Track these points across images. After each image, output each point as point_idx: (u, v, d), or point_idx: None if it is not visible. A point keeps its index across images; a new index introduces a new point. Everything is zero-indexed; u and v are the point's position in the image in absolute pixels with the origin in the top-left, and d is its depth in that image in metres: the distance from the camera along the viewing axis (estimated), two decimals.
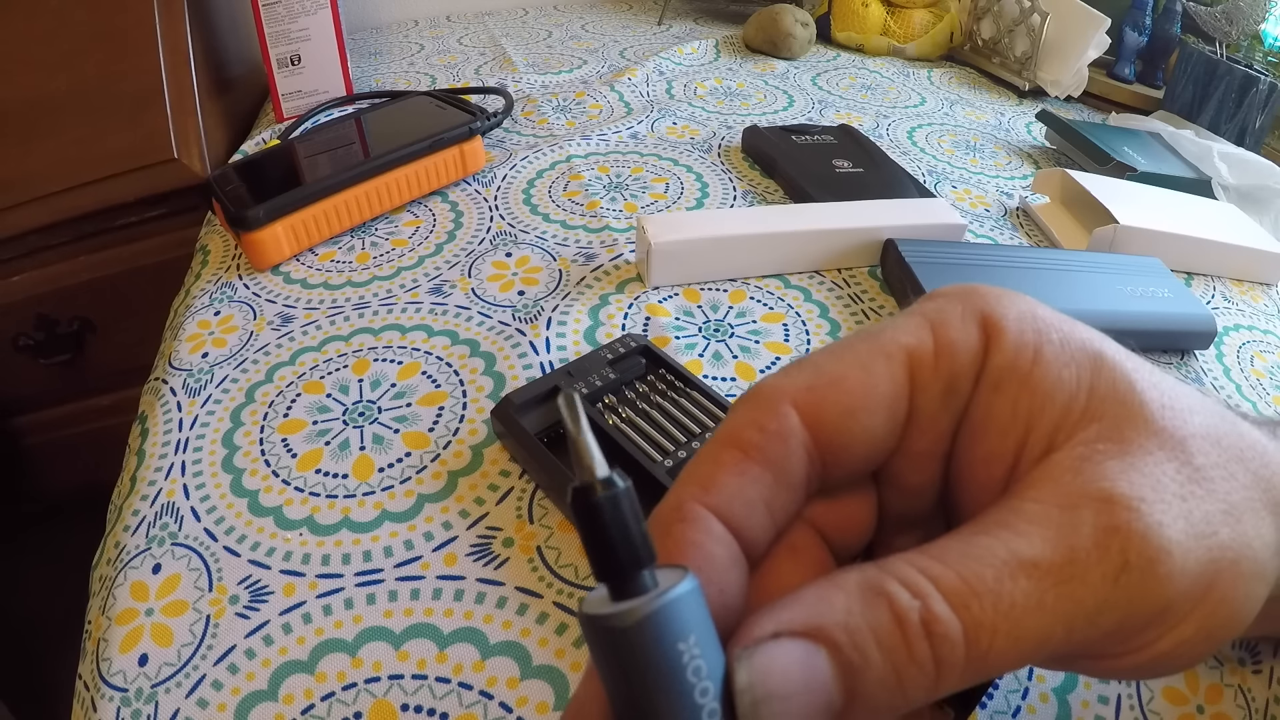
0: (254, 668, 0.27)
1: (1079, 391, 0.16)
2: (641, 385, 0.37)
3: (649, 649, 0.14)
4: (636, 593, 0.14)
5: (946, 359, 0.17)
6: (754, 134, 0.60)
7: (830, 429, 0.16)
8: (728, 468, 0.16)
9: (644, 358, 0.38)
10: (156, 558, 0.31)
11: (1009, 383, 0.17)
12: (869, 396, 0.17)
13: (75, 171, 0.62)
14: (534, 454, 0.32)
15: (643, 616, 0.14)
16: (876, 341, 0.17)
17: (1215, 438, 0.16)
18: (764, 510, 0.17)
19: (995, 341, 0.17)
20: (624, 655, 0.14)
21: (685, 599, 0.14)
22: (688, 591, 0.14)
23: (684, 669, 0.14)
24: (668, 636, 0.14)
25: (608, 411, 0.35)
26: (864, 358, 0.17)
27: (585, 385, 0.35)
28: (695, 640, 0.14)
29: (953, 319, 0.17)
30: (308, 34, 0.64)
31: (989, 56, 0.81)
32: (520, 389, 0.35)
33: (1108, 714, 0.27)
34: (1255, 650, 0.29)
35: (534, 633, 0.28)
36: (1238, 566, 0.15)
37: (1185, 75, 0.69)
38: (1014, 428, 0.17)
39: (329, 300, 0.45)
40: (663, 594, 0.14)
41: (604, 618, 0.14)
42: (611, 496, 0.14)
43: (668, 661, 0.14)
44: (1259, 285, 0.50)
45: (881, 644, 0.14)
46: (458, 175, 0.55)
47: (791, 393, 0.16)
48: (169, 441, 0.36)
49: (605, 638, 0.14)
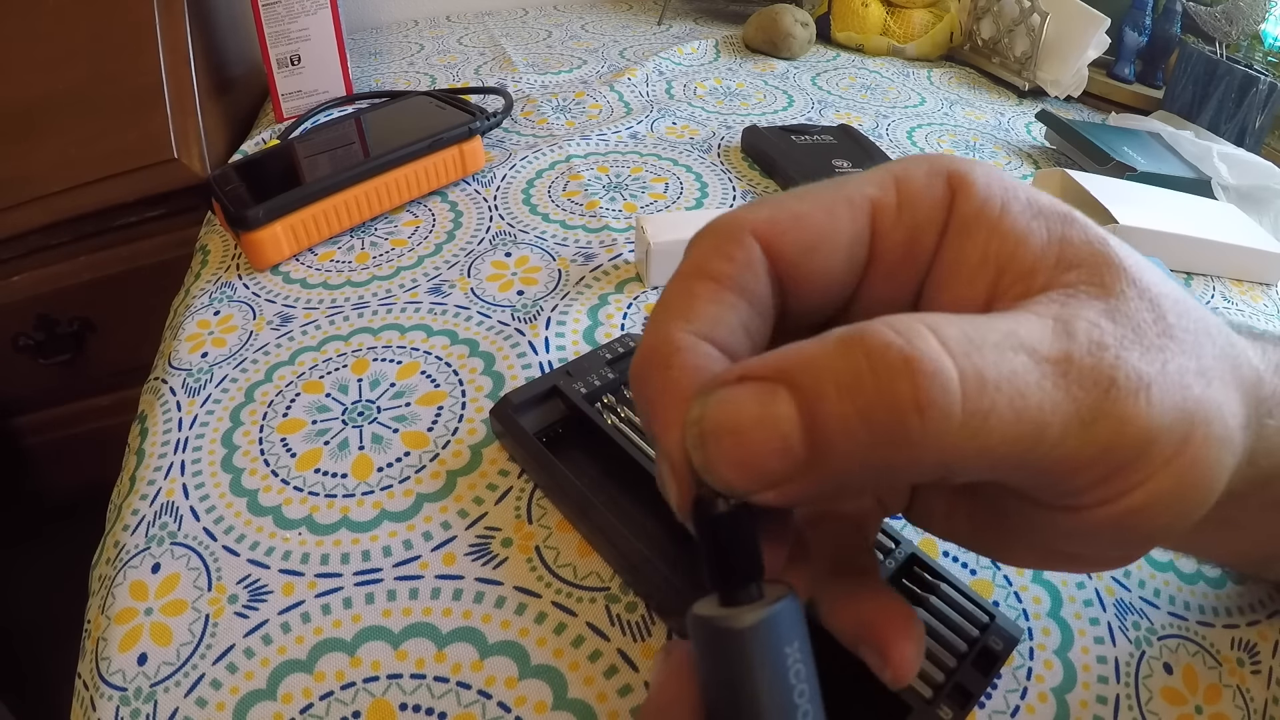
0: (253, 667, 0.27)
1: (1051, 242, 0.16)
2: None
3: (762, 650, 0.15)
4: (746, 601, 0.15)
5: (909, 210, 0.17)
6: (754, 134, 0.60)
7: (789, 262, 0.17)
8: (704, 297, 0.16)
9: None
10: (156, 557, 0.31)
11: (977, 229, 0.17)
12: (829, 237, 0.17)
13: (75, 171, 0.62)
14: (533, 454, 0.32)
15: (758, 620, 0.15)
16: (841, 189, 0.17)
17: (1184, 308, 0.16)
18: (744, 334, 0.17)
19: (961, 194, 0.17)
20: (734, 656, 0.15)
21: (791, 609, 0.15)
22: (793, 603, 0.16)
23: (787, 671, 0.15)
24: (777, 640, 0.15)
25: (606, 411, 0.35)
26: (827, 202, 0.17)
27: (584, 385, 0.35)
28: (798, 646, 0.15)
29: (917, 174, 0.17)
30: (308, 34, 0.65)
31: (989, 56, 0.81)
32: (519, 388, 0.35)
33: (1106, 714, 0.27)
34: (1254, 650, 0.29)
35: (532, 632, 0.28)
36: (1209, 427, 0.15)
37: (1185, 75, 0.69)
38: (984, 271, 0.16)
39: (328, 300, 0.45)
40: (774, 602, 0.15)
41: (720, 619, 0.15)
42: (737, 510, 0.15)
43: (775, 662, 0.15)
44: (1259, 285, 0.50)
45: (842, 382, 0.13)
46: (457, 175, 0.55)
47: (752, 224, 0.16)
48: (168, 441, 0.36)
49: (719, 639, 0.15)
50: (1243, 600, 0.31)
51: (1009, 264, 0.16)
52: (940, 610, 0.27)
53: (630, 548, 0.29)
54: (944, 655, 0.26)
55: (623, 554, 0.29)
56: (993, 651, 0.26)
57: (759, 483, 0.14)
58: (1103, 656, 0.28)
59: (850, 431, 0.13)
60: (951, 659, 0.26)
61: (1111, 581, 0.31)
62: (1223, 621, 0.30)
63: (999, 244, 0.16)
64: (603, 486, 0.32)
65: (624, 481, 0.32)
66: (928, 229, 0.17)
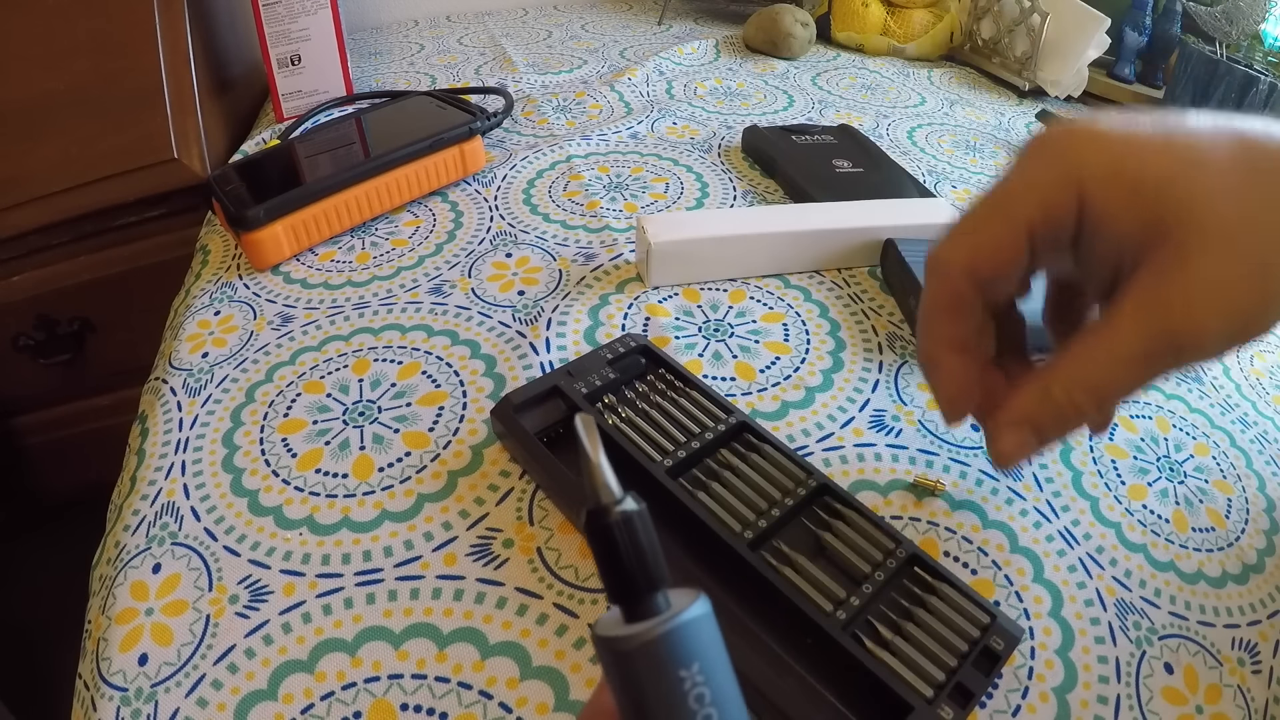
0: (254, 667, 0.27)
1: (1146, 229, 0.22)
2: (641, 385, 0.36)
3: (652, 674, 0.14)
4: (648, 615, 0.14)
5: (1051, 226, 0.23)
6: (754, 134, 0.60)
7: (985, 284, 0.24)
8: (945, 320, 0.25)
9: (644, 357, 0.38)
10: (156, 557, 0.31)
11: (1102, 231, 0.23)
12: (1008, 261, 0.24)
13: (75, 171, 0.62)
14: (534, 454, 0.32)
15: (646, 641, 0.14)
16: (1006, 214, 0.24)
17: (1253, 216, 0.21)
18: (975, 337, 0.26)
19: (1086, 204, 0.22)
20: (630, 678, 0.14)
21: (691, 625, 0.14)
22: (695, 618, 0.15)
23: (685, 695, 0.14)
24: (671, 663, 0.14)
25: (607, 411, 0.35)
26: (1000, 229, 0.24)
27: (584, 385, 0.35)
28: (699, 668, 0.14)
29: (1054, 191, 0.23)
30: (308, 34, 0.64)
31: (989, 56, 0.81)
32: (520, 389, 0.35)
33: (1107, 714, 0.27)
34: (1254, 650, 0.29)
35: (534, 633, 0.28)
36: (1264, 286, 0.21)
37: (1185, 75, 0.69)
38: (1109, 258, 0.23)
39: (329, 300, 0.45)
40: (669, 620, 0.14)
41: (611, 640, 0.14)
42: (625, 519, 0.15)
43: (669, 687, 0.14)
44: None
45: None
46: (458, 175, 0.55)
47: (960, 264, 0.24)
48: (169, 441, 0.36)
49: (612, 659, 0.14)
50: (1243, 600, 0.31)
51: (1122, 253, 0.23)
52: (941, 610, 0.27)
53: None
54: (945, 655, 0.26)
55: None
56: (994, 651, 0.26)
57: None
58: (1104, 656, 0.28)
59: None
60: (953, 659, 0.26)
61: (1112, 581, 0.31)
62: (1223, 621, 0.30)
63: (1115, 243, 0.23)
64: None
65: (625, 480, 0.31)
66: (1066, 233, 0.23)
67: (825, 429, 0.37)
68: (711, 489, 0.31)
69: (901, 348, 0.42)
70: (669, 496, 0.31)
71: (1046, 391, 0.23)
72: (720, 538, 0.29)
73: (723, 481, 0.32)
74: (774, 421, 0.37)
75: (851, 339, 0.42)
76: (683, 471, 0.32)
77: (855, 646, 0.26)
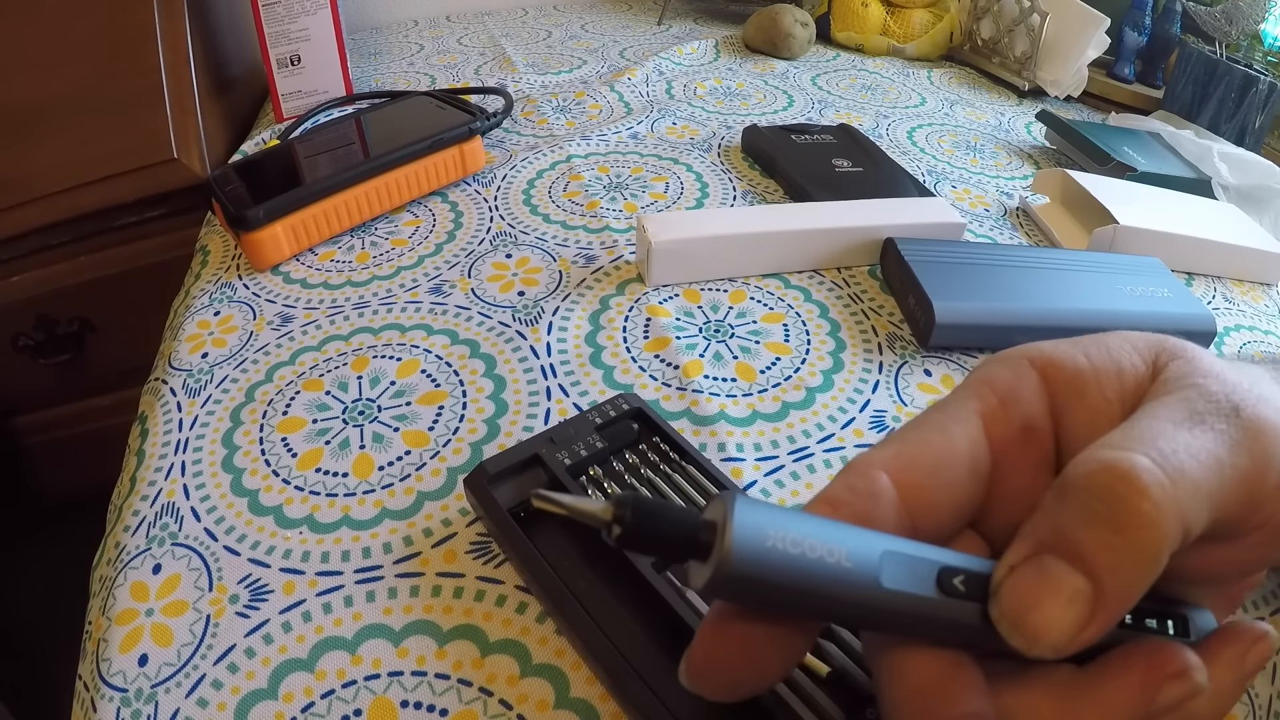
0: (254, 666, 0.27)
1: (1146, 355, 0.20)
2: (632, 455, 0.32)
3: (759, 570, 0.15)
4: (711, 545, 0.15)
5: (1014, 405, 0.20)
6: (754, 134, 0.60)
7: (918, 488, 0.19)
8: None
9: (636, 423, 0.34)
10: (156, 558, 0.31)
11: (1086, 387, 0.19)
12: (950, 455, 0.19)
13: (75, 171, 0.62)
14: (505, 532, 0.29)
15: (726, 557, 0.15)
16: (947, 410, 0.20)
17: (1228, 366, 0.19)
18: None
19: (1052, 369, 0.20)
20: (755, 586, 0.15)
21: (741, 519, 0.15)
22: (740, 511, 0.15)
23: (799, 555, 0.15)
24: (761, 549, 0.15)
25: (592, 486, 0.31)
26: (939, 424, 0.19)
27: (568, 454, 0.31)
28: (777, 532, 0.15)
29: (1003, 372, 0.20)
30: (308, 34, 0.65)
31: (989, 56, 0.81)
32: (496, 456, 0.31)
33: None
34: None
35: (534, 631, 0.28)
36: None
37: (1185, 75, 0.69)
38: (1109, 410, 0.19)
39: (329, 300, 0.45)
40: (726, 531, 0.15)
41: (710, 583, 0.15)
42: (631, 519, 0.15)
43: (777, 562, 0.15)
44: (1259, 285, 0.50)
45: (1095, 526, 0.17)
46: (457, 175, 0.55)
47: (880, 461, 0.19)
48: (169, 442, 0.36)
49: (731, 588, 0.15)
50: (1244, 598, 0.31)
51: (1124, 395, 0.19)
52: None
53: (607, 653, 0.25)
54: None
55: (598, 657, 0.26)
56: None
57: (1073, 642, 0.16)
58: None
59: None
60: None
61: None
62: None
63: (1108, 385, 0.19)
64: (582, 573, 0.28)
65: (606, 569, 0.28)
66: (1039, 415, 0.20)
67: (826, 429, 0.37)
68: None
69: (902, 348, 0.42)
70: (656, 597, 0.26)
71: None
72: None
73: None
74: (775, 423, 0.37)
75: (851, 339, 0.42)
76: (670, 564, 0.28)
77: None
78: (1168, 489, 0.16)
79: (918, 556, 0.17)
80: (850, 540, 0.16)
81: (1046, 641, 0.16)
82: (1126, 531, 0.16)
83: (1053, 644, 0.16)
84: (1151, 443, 0.16)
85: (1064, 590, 0.16)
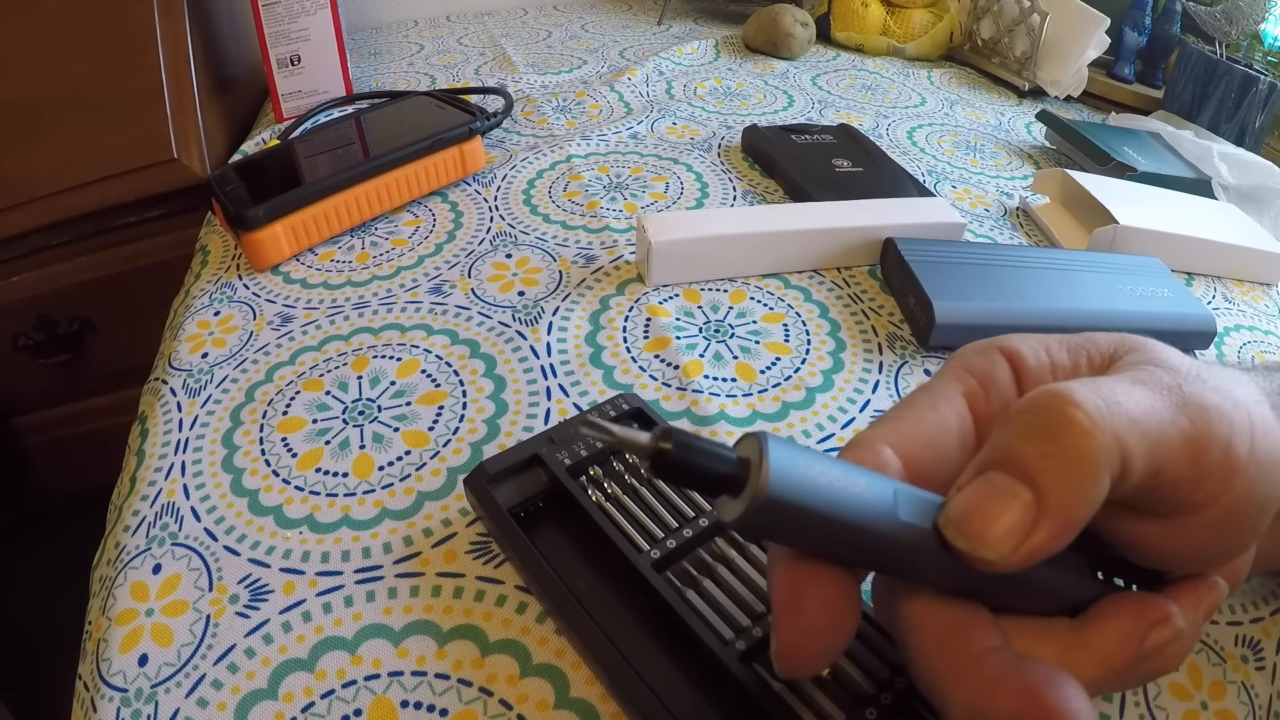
0: (254, 666, 0.27)
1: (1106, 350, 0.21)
2: (632, 456, 0.32)
3: (794, 496, 0.16)
4: (746, 478, 0.17)
5: (993, 386, 0.22)
6: (754, 134, 0.60)
7: (918, 459, 0.20)
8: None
9: (636, 423, 0.34)
10: (156, 558, 0.31)
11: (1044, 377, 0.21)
12: (943, 429, 0.21)
13: (75, 171, 0.62)
14: (505, 533, 0.29)
15: (762, 485, 0.16)
16: (934, 391, 0.22)
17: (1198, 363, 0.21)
18: None
19: (1018, 358, 0.22)
20: (786, 514, 0.16)
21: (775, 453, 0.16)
22: (773, 446, 0.17)
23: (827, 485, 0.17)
24: (794, 477, 0.16)
25: (591, 486, 0.30)
26: (929, 403, 0.21)
27: (568, 454, 0.31)
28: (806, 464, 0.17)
29: (979, 360, 0.22)
30: (307, 34, 0.65)
31: (989, 56, 0.81)
32: (496, 456, 0.31)
33: (1112, 712, 0.27)
34: (1258, 647, 0.29)
35: (534, 631, 0.28)
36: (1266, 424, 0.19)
37: (1185, 75, 0.69)
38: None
39: (329, 300, 0.45)
40: (763, 459, 0.16)
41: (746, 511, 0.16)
42: (674, 449, 0.16)
43: (810, 490, 0.16)
44: (1259, 285, 0.50)
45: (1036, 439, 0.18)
46: (457, 175, 0.55)
47: (883, 435, 0.20)
48: (169, 442, 0.36)
49: (765, 517, 0.16)
50: (1245, 597, 0.31)
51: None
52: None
53: (607, 653, 0.25)
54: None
55: (598, 657, 0.25)
56: None
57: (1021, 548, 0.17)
58: None
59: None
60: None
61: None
62: (1226, 618, 0.30)
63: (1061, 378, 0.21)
64: (582, 573, 0.28)
65: (607, 568, 0.28)
66: (1011, 396, 0.22)
67: (826, 430, 0.37)
68: (702, 586, 0.27)
69: (902, 348, 0.42)
70: (656, 597, 0.26)
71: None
72: (710, 648, 0.25)
73: (716, 578, 0.27)
74: (775, 423, 0.37)
75: (851, 339, 0.42)
76: (670, 564, 0.28)
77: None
78: (1102, 408, 0.17)
79: (924, 496, 0.18)
80: (867, 478, 0.18)
81: (989, 542, 0.17)
82: (1061, 439, 0.17)
83: (995, 547, 0.17)
84: (1090, 384, 0.18)
85: (1004, 495, 0.17)
